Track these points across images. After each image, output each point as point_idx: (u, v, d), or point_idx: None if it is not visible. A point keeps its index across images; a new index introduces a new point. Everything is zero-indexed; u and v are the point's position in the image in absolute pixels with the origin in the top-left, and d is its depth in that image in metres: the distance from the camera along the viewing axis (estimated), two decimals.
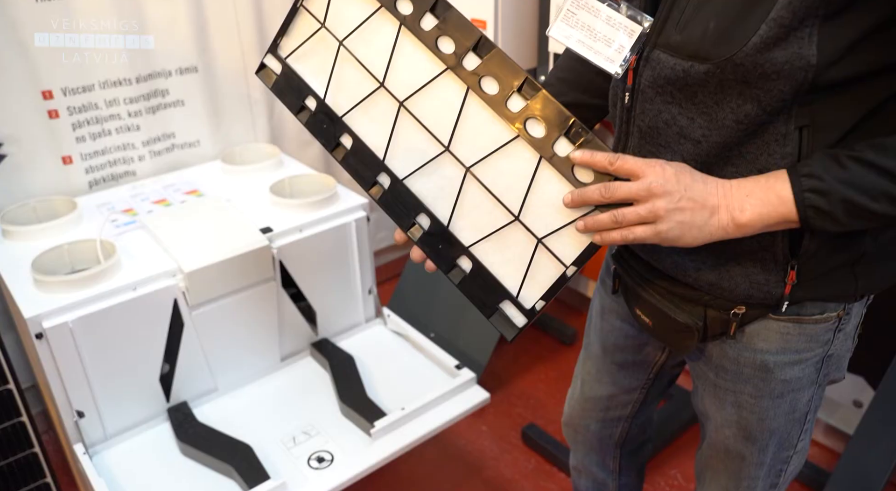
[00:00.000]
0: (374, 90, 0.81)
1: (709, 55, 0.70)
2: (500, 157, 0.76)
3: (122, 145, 1.78)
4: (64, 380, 1.33)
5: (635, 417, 1.16)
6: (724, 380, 0.90)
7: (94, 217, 1.60)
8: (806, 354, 0.84)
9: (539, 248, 0.76)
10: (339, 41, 0.83)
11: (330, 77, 0.84)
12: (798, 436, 0.93)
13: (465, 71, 0.75)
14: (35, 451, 1.57)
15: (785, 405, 0.88)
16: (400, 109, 0.80)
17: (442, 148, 0.78)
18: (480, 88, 0.75)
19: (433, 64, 0.77)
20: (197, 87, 1.85)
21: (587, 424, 1.19)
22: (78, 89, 1.66)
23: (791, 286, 0.78)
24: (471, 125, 0.77)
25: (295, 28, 0.88)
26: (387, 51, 0.79)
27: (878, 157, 0.67)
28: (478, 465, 1.80)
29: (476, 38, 0.74)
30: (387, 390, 1.57)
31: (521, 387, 2.05)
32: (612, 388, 1.12)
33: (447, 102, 0.77)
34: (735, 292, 0.81)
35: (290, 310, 1.61)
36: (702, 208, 0.71)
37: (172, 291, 1.40)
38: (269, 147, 1.92)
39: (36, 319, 1.28)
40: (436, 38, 0.76)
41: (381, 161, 0.83)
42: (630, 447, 1.24)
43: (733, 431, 0.93)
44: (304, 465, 1.38)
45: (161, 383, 1.46)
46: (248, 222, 1.55)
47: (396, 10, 0.78)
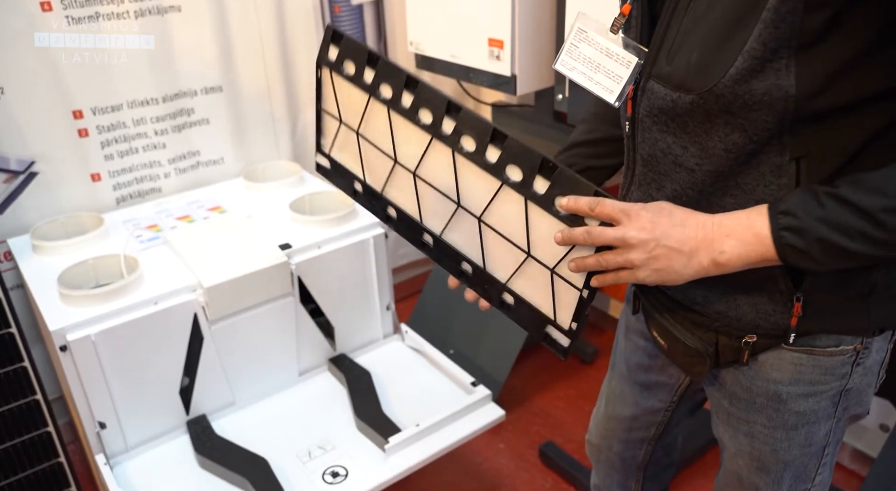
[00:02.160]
0: (392, 167, 0.91)
1: (692, 86, 0.71)
2: (499, 204, 0.81)
3: (149, 163, 1.83)
4: (87, 391, 1.36)
5: (659, 439, 1.15)
6: (738, 408, 0.89)
7: (119, 233, 1.64)
8: (821, 386, 0.83)
9: (554, 277, 0.80)
10: (356, 132, 0.93)
11: (361, 162, 0.95)
12: (816, 470, 0.91)
13: (445, 134, 0.81)
14: (61, 460, 1.60)
15: (799, 438, 0.87)
16: (415, 178, 0.88)
17: (455, 205, 0.86)
18: (461, 147, 0.81)
19: (423, 134, 0.84)
20: (221, 107, 1.90)
21: (610, 444, 1.18)
22: (107, 109, 1.72)
23: (797, 318, 0.77)
24: (468, 181, 0.83)
25: (325, 127, 1.00)
26: (388, 131, 0.88)
27: (853, 193, 0.67)
28: (494, 482, 1.79)
29: (446, 103, 0.80)
30: (402, 406, 1.58)
31: (539, 405, 2.04)
32: (635, 408, 1.11)
33: (445, 165, 0.84)
34: (742, 322, 0.80)
35: (309, 325, 1.63)
36: (678, 254, 0.72)
37: (192, 305, 1.43)
38: (291, 164, 1.95)
39: (60, 331, 1.31)
40: (416, 111, 0.83)
41: (419, 223, 0.92)
42: (653, 471, 1.22)
43: (746, 461, 0.92)
44: (319, 479, 1.39)
45: (181, 396, 1.49)
46: (268, 239, 1.57)
47: (380, 96, 0.87)
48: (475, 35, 1.70)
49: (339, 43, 0.87)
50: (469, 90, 2.18)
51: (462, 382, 1.61)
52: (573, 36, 0.84)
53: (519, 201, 0.78)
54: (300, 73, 2.03)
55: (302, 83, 2.04)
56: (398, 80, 0.83)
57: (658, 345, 0.93)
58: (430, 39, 1.84)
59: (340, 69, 0.89)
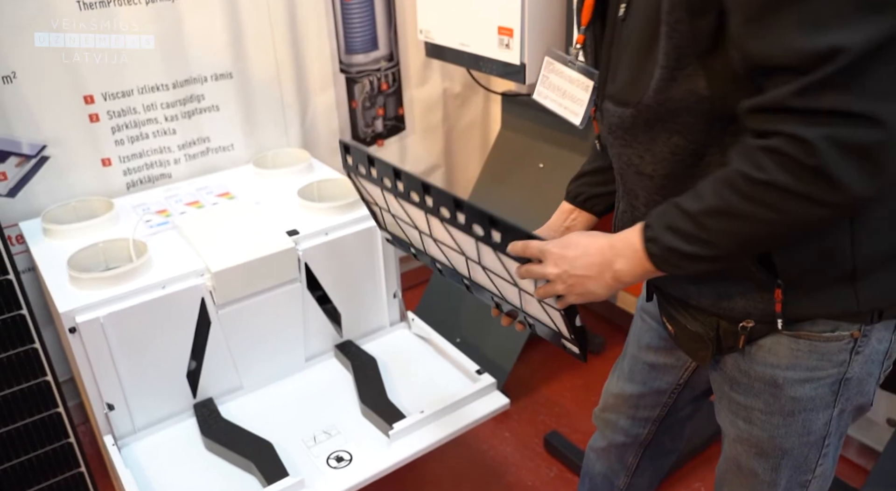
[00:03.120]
0: (419, 233, 1.08)
1: (629, 101, 0.78)
2: (483, 253, 0.94)
3: (159, 148, 1.84)
4: (95, 373, 1.38)
5: (664, 420, 1.19)
6: (737, 393, 0.90)
7: (129, 217, 1.66)
8: (818, 372, 0.83)
9: (540, 301, 0.92)
10: (388, 211, 1.12)
11: (402, 230, 1.13)
12: (816, 460, 0.91)
13: (430, 208, 0.96)
14: (70, 441, 1.62)
15: (797, 425, 0.87)
16: (434, 240, 1.05)
17: (464, 256, 1.00)
18: (443, 216, 0.94)
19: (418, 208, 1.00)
20: (231, 93, 1.90)
21: (617, 418, 1.23)
22: (117, 94, 1.73)
23: (781, 304, 0.79)
24: (459, 238, 0.97)
25: (373, 211, 1.19)
26: (396, 205, 1.05)
27: (685, 200, 0.73)
28: (499, 471, 1.79)
29: (421, 184, 0.94)
30: (408, 393, 1.58)
31: (545, 394, 2.04)
32: (642, 387, 1.15)
33: (444, 229, 0.99)
34: (735, 310, 0.83)
35: (316, 311, 1.64)
36: (587, 279, 0.81)
37: (200, 289, 1.44)
38: (300, 152, 1.96)
39: (70, 313, 1.33)
40: (408, 193, 0.98)
41: (454, 270, 1.09)
42: (653, 451, 1.25)
43: (745, 447, 0.93)
44: (323, 464, 1.40)
45: (188, 379, 1.51)
46: (276, 225, 1.58)
47: (385, 185, 1.03)
48: (485, 23, 1.69)
49: (349, 152, 1.07)
50: (479, 79, 2.17)
51: (467, 370, 1.61)
52: (544, 68, 0.98)
53: (490, 250, 0.91)
54: (310, 60, 2.03)
55: (312, 71, 2.04)
56: (390, 173, 0.99)
57: (666, 330, 0.97)
58: (440, 27, 1.83)
59: (357, 171, 1.08)
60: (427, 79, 2.28)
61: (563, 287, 0.83)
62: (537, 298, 0.91)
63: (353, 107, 2.19)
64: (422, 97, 2.30)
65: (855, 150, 0.61)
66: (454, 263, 1.07)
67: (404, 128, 2.32)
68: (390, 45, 2.18)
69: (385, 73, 2.21)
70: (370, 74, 2.18)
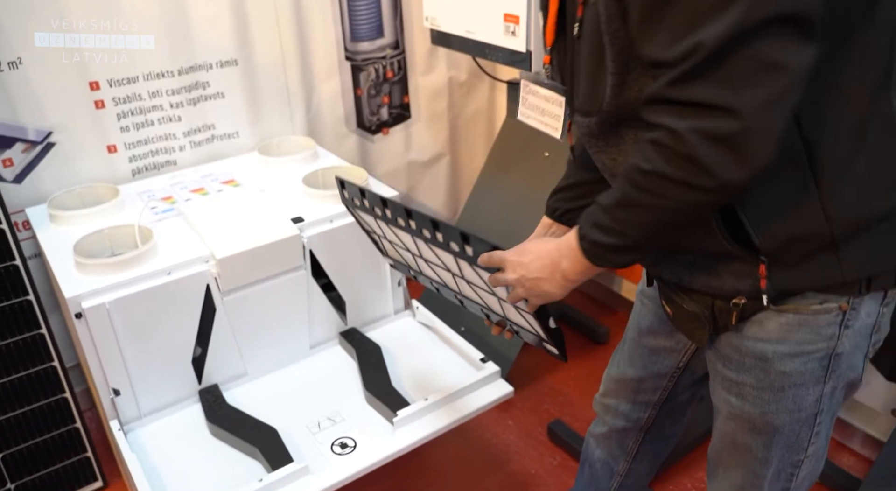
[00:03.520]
0: (405, 253, 1.19)
1: (591, 110, 0.83)
2: (463, 267, 1.03)
3: (164, 135, 1.84)
4: (101, 358, 1.38)
5: (664, 404, 1.20)
6: (730, 370, 0.92)
7: (134, 204, 1.66)
8: (807, 347, 0.85)
9: (517, 308, 1.00)
10: (385, 238, 1.21)
11: (399, 255, 1.23)
12: (808, 439, 0.92)
13: (415, 230, 1.04)
14: (77, 426, 1.64)
15: (787, 401, 0.88)
16: (424, 260, 1.13)
17: (450, 273, 1.09)
18: (425, 237, 1.03)
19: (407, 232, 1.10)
20: (237, 80, 1.90)
21: (618, 403, 1.24)
22: (123, 81, 1.73)
23: (765, 279, 0.81)
24: (443, 256, 1.05)
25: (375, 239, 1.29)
26: (389, 231, 1.14)
27: (604, 196, 0.80)
28: (502, 458, 1.80)
29: (404, 210, 1.04)
30: (412, 381, 1.59)
31: (549, 384, 2.04)
32: (642, 371, 1.17)
33: (426, 248, 1.08)
34: (725, 288, 0.85)
35: (320, 299, 1.64)
36: (542, 280, 0.88)
37: (205, 276, 1.44)
38: (305, 139, 1.96)
39: (76, 299, 1.34)
40: (396, 218, 1.07)
41: (446, 286, 1.18)
42: (653, 435, 1.26)
43: (738, 423, 0.94)
44: (328, 450, 1.40)
45: (193, 366, 1.51)
46: (281, 212, 1.58)
47: (377, 214, 1.13)
48: (491, 10, 1.68)
49: (344, 187, 1.17)
50: (485, 67, 2.16)
51: (472, 359, 1.62)
52: (522, 89, 1.08)
53: (467, 264, 1.01)
54: (315, 48, 2.02)
55: (317, 58, 2.04)
56: (378, 202, 1.09)
57: (665, 312, 0.99)
58: (446, 14, 1.82)
59: (353, 203, 1.18)
60: (433, 67, 2.27)
61: (523, 290, 0.91)
62: (513, 305, 0.99)
63: (359, 95, 2.18)
64: (427, 85, 2.29)
65: (718, 140, 0.66)
66: (444, 280, 1.16)
67: (410, 116, 2.31)
68: (396, 32, 2.17)
69: (391, 61, 2.20)
70: (376, 62, 2.17)
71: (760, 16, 0.62)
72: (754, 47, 0.63)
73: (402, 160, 2.36)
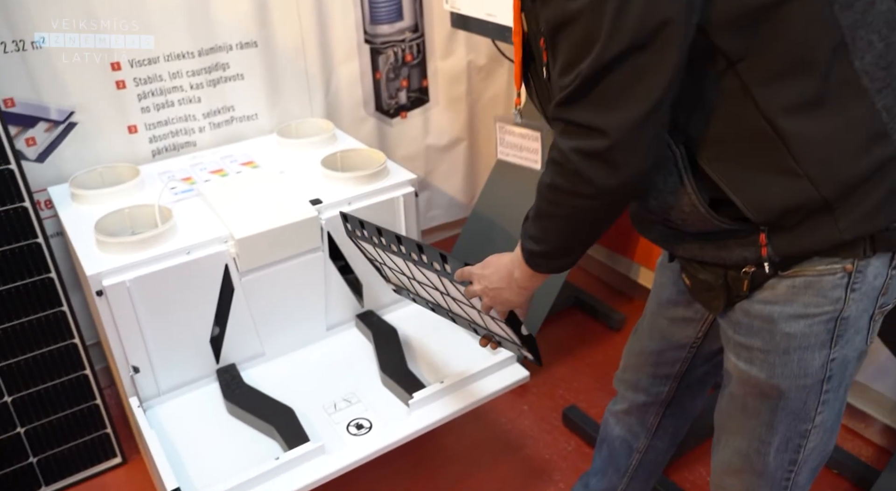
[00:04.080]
0: (403, 278, 1.32)
1: (547, 120, 0.90)
2: (447, 285, 1.16)
3: (184, 116, 1.85)
4: (121, 336, 1.40)
5: (684, 377, 1.21)
6: (739, 335, 0.93)
7: (155, 184, 1.67)
8: (813, 309, 0.86)
9: (494, 318, 1.12)
10: (386, 266, 1.33)
11: (399, 280, 1.35)
12: (815, 408, 0.92)
13: (405, 254, 1.18)
14: (97, 402, 1.67)
15: (792, 365, 0.89)
16: (418, 282, 1.26)
17: (439, 292, 1.22)
18: (412, 259, 1.17)
19: None
20: (256, 62, 1.90)
21: (638, 378, 1.26)
22: (144, 61, 1.73)
23: (766, 247, 0.84)
24: (430, 277, 1.18)
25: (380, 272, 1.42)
26: (386, 255, 1.27)
27: (530, 209, 0.91)
28: (517, 443, 1.80)
29: (395, 236, 1.18)
30: (427, 364, 1.59)
31: (564, 370, 2.04)
32: (662, 342, 1.19)
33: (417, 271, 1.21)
34: (733, 258, 0.88)
35: (338, 281, 1.65)
36: (503, 290, 1.01)
37: (223, 256, 1.45)
38: (324, 122, 1.95)
39: (97, 277, 1.35)
40: (390, 244, 1.21)
41: (438, 304, 1.31)
42: (673, 409, 1.27)
43: (747, 388, 0.95)
44: (344, 430, 1.41)
45: (211, 345, 1.53)
46: (299, 194, 1.58)
47: (375, 242, 1.26)
48: None
49: (347, 219, 1.30)
50: (504, 50, 2.14)
51: None
52: (497, 132, 1.30)
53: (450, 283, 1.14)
54: (335, 31, 2.01)
55: (336, 41, 2.03)
56: (374, 231, 1.22)
57: (684, 283, 1.02)
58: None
59: (355, 234, 1.32)
60: (452, 51, 2.26)
61: (489, 300, 1.03)
62: (491, 317, 1.10)
63: (378, 78, 2.17)
64: (446, 69, 2.28)
65: (592, 156, 0.78)
66: (436, 299, 1.28)
67: (428, 100, 2.30)
68: (415, 15, 2.16)
69: (409, 45, 2.19)
70: (395, 45, 2.16)
71: (616, 49, 0.72)
72: (614, 76, 0.74)
73: (420, 144, 2.35)
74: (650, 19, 0.71)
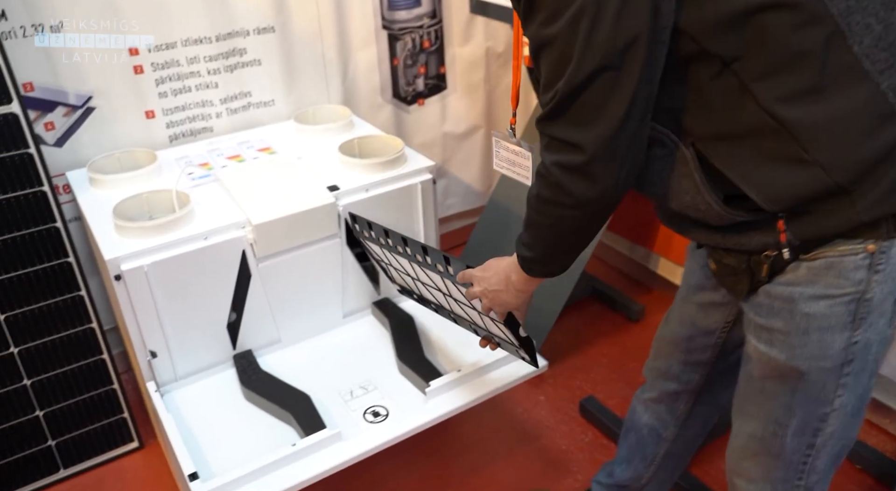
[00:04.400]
0: (407, 279, 1.39)
1: None
2: (450, 286, 1.21)
3: (201, 102, 1.84)
4: (139, 320, 1.40)
5: (715, 364, 1.20)
6: (760, 317, 0.94)
7: (172, 169, 1.67)
8: (833, 290, 0.86)
9: (493, 319, 1.17)
10: (392, 266, 1.39)
11: (405, 281, 1.42)
12: (834, 391, 0.91)
13: (410, 255, 1.24)
14: (114, 387, 1.67)
15: (812, 345, 0.88)
16: (422, 283, 1.32)
17: (441, 293, 1.27)
18: (417, 260, 1.23)
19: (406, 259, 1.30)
20: (274, 48, 1.88)
21: (669, 365, 1.25)
22: (161, 46, 1.72)
23: (785, 233, 0.85)
24: (434, 278, 1.24)
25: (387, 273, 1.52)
26: (392, 256, 1.34)
27: (525, 217, 0.95)
28: (534, 433, 1.79)
29: (401, 238, 1.23)
30: (444, 352, 1.58)
31: (582, 360, 2.02)
32: (691, 328, 1.19)
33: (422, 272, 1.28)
34: (753, 243, 0.89)
35: (354, 268, 1.64)
36: (501, 292, 1.06)
37: (241, 242, 1.45)
38: (341, 108, 1.94)
39: (115, 261, 1.35)
40: (396, 246, 1.26)
41: (440, 306, 1.35)
42: (705, 398, 1.26)
43: (766, 370, 0.95)
44: (360, 418, 1.41)
45: (228, 331, 1.52)
46: (317, 180, 1.57)
47: (381, 243, 1.34)
48: None
49: (356, 220, 1.36)
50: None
51: None
52: (494, 145, 1.35)
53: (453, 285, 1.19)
54: (352, 16, 2.00)
55: (354, 27, 2.01)
56: (381, 233, 1.28)
57: (711, 269, 1.02)
58: None
59: (363, 235, 1.36)
60: (470, 37, 2.23)
61: (488, 301, 1.09)
62: (490, 318, 1.15)
63: (395, 64, 2.15)
64: (464, 56, 2.25)
65: (571, 169, 0.83)
66: (439, 300, 1.31)
67: (446, 87, 2.28)
68: (434, 1, 2.13)
69: (427, 31, 2.16)
70: (412, 31, 2.14)
71: (587, 70, 0.77)
72: (586, 95, 0.79)
73: (437, 132, 2.33)
74: (619, 40, 0.75)
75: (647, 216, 2.20)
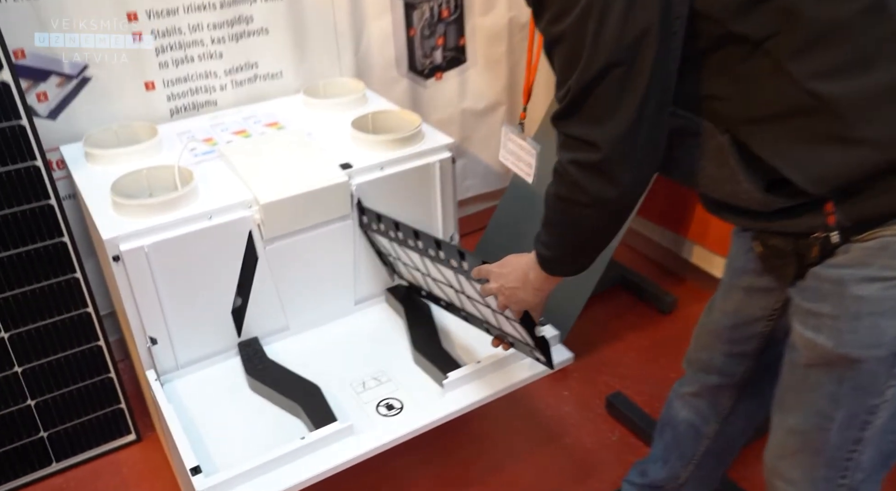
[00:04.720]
0: (416, 274, 1.40)
1: None
2: (463, 282, 1.20)
3: (205, 73, 1.74)
4: (138, 304, 1.32)
5: (761, 355, 1.15)
6: (807, 301, 0.90)
7: (174, 144, 1.57)
8: (888, 272, 0.81)
9: (508, 318, 1.16)
10: (400, 261, 1.39)
11: (413, 277, 1.43)
12: (885, 381, 0.86)
13: (421, 249, 1.23)
14: (111, 376, 1.60)
15: (863, 331, 0.84)
16: (433, 279, 1.32)
17: (453, 289, 1.27)
18: (430, 254, 1.22)
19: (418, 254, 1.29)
20: (282, 16, 1.78)
21: (711, 357, 1.20)
22: (162, 13, 1.62)
23: (833, 215, 0.82)
24: (447, 274, 1.23)
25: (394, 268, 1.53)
26: (402, 251, 1.33)
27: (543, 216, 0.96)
28: (557, 431, 1.69)
29: (412, 231, 1.23)
30: (462, 342, 1.49)
31: (609, 354, 1.91)
32: (736, 317, 1.14)
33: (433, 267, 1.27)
34: (801, 227, 0.86)
35: (367, 252, 1.55)
36: (518, 290, 1.06)
37: (247, 222, 1.36)
38: (354, 82, 1.84)
39: (114, 241, 1.26)
40: (406, 239, 1.26)
41: (450, 303, 1.36)
42: (750, 392, 1.21)
43: (810, 359, 0.90)
44: (373, 411, 1.33)
45: (233, 317, 1.44)
46: (328, 157, 1.47)
47: (390, 236, 1.33)
48: None
49: (364, 212, 1.32)
50: None
51: None
52: (503, 136, 1.36)
53: (466, 280, 1.18)
54: None
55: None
56: (391, 226, 1.26)
57: (756, 252, 0.99)
58: None
59: (371, 227, 1.35)
60: (492, 6, 2.12)
61: (504, 299, 1.08)
62: (505, 317, 1.13)
63: (411, 35, 2.04)
64: (486, 26, 2.14)
65: (587, 167, 0.84)
66: (450, 297, 1.31)
67: (465, 60, 2.17)
68: None
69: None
70: (430, 0, 2.02)
71: (597, 66, 0.77)
72: (598, 92, 0.79)
73: (456, 108, 2.22)
74: (628, 34, 0.75)
75: (681, 199, 2.08)
